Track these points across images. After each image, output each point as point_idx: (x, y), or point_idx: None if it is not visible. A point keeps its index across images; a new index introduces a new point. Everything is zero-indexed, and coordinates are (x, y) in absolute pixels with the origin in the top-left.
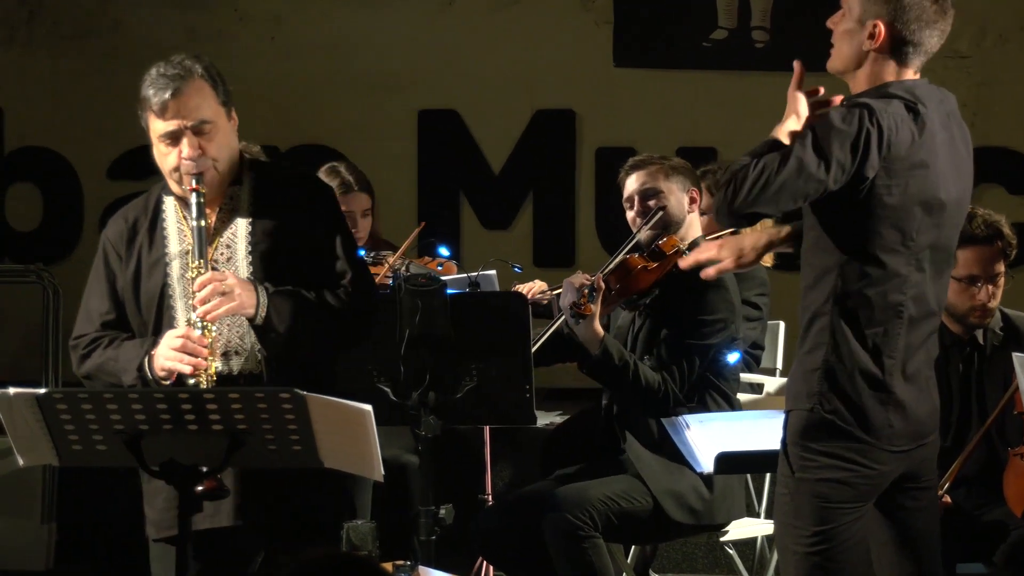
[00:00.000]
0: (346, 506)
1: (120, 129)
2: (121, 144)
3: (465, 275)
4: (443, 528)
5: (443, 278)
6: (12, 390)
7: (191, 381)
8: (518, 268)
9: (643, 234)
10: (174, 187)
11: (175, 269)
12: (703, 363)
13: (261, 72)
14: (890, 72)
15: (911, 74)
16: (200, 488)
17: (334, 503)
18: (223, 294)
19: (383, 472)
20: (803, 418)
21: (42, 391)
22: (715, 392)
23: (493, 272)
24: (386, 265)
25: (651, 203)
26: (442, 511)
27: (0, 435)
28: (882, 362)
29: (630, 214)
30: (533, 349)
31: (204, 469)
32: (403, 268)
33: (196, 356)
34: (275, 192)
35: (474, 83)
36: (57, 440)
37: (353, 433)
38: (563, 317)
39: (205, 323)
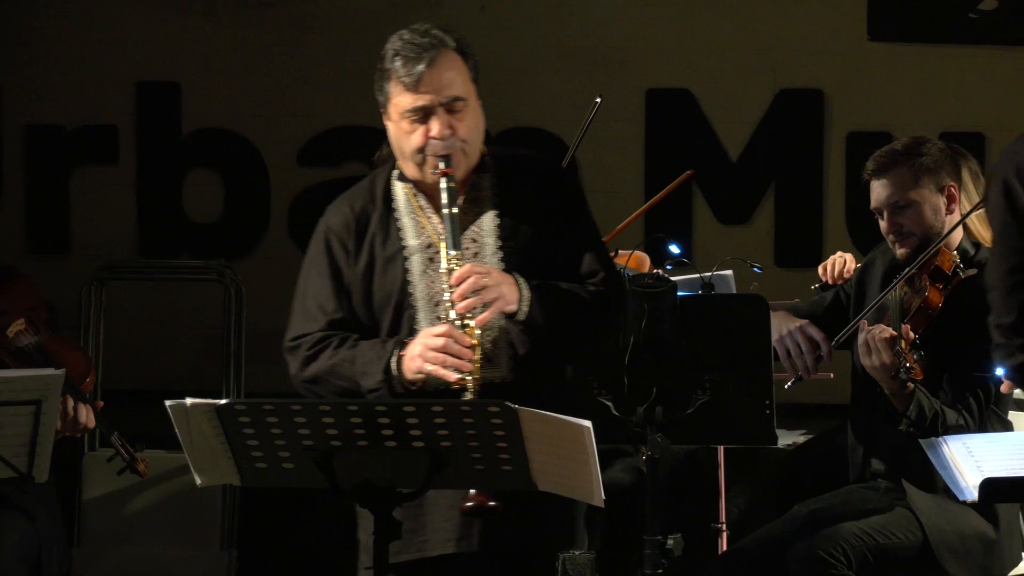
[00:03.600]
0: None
1: (312, 108)
2: (313, 126)
3: (698, 275)
4: (671, 560)
5: (673, 278)
6: (189, 400)
7: (455, 386)
8: (758, 268)
9: (899, 252)
10: (410, 171)
11: (415, 264)
12: (993, 396)
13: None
14: None
15: None
16: (469, 504)
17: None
18: (484, 288)
19: (604, 496)
20: None
21: (223, 401)
22: (995, 421)
23: (729, 272)
24: None
25: (904, 222)
26: (670, 541)
27: (176, 451)
28: None
29: (882, 224)
30: (835, 343)
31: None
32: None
33: (460, 357)
34: (519, 180)
35: (709, 58)
36: (239, 457)
37: (570, 452)
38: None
39: (466, 321)
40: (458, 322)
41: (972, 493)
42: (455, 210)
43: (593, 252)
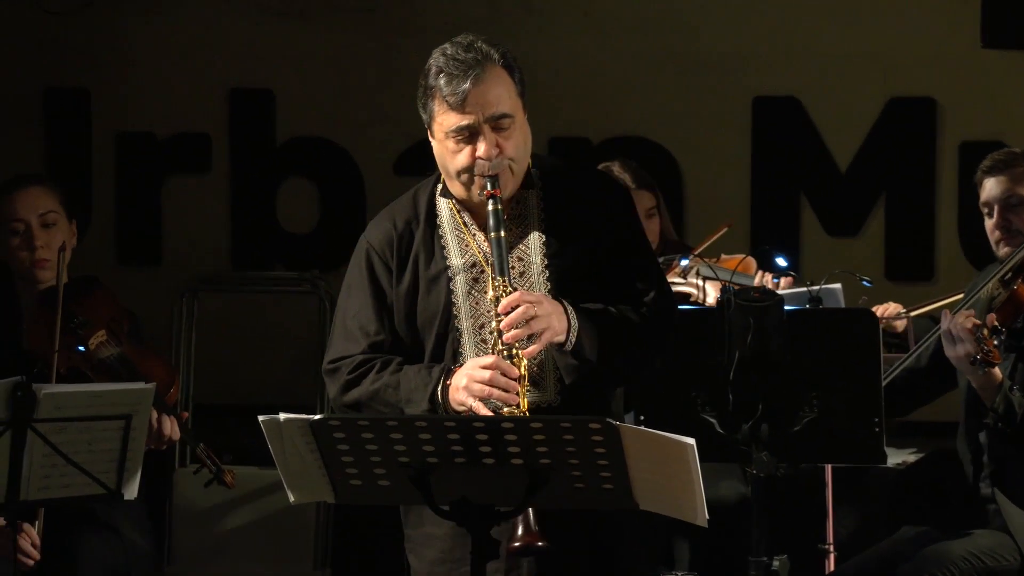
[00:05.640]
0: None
1: (409, 116)
2: (410, 134)
3: (805, 289)
4: None
5: (779, 292)
6: (283, 415)
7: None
8: (867, 282)
9: (1002, 251)
10: (456, 190)
11: (460, 285)
12: None
13: (571, 52)
14: None
15: None
16: (516, 544)
17: (647, 554)
18: (533, 318)
19: (707, 516)
20: None
21: (317, 417)
22: None
23: (838, 286)
24: (677, 267)
25: (1014, 219)
26: (775, 563)
27: (269, 467)
28: None
29: (988, 223)
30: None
31: (520, 530)
32: (694, 272)
33: (508, 391)
34: (566, 195)
35: (817, 66)
36: (333, 474)
37: (673, 470)
38: (916, 353)
39: (515, 351)
40: (505, 352)
41: None
42: (503, 234)
43: (644, 270)
